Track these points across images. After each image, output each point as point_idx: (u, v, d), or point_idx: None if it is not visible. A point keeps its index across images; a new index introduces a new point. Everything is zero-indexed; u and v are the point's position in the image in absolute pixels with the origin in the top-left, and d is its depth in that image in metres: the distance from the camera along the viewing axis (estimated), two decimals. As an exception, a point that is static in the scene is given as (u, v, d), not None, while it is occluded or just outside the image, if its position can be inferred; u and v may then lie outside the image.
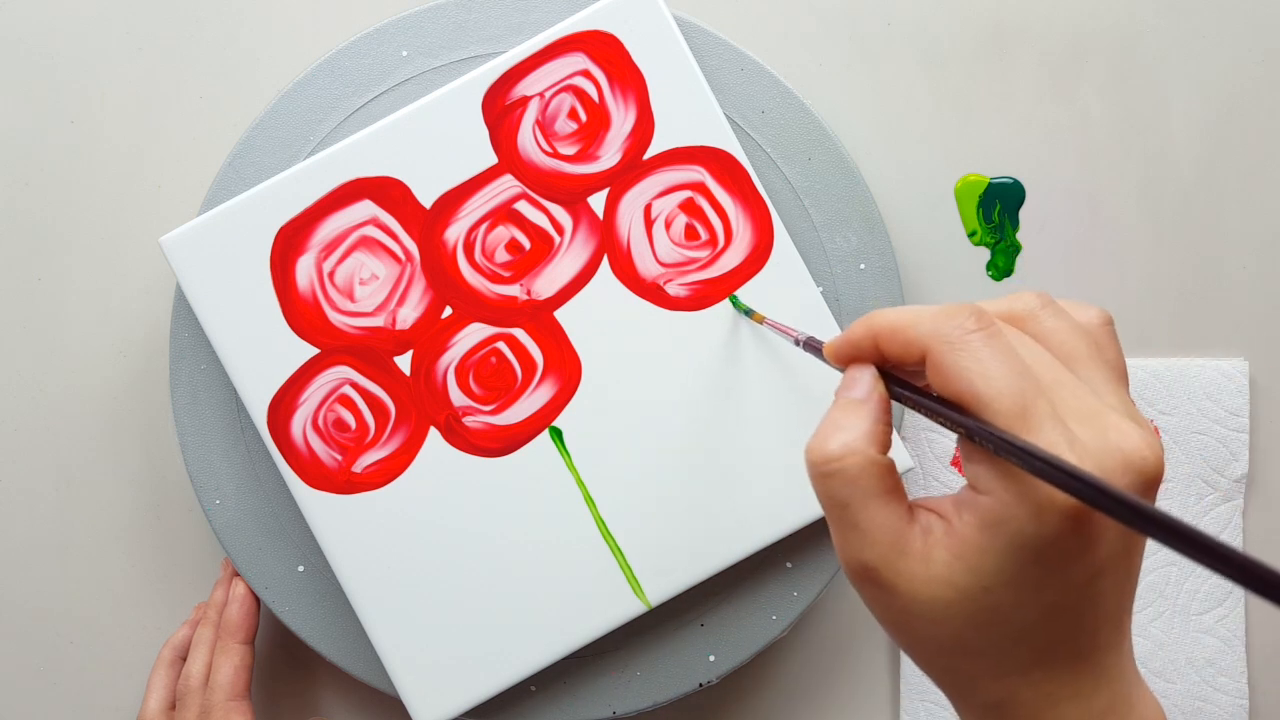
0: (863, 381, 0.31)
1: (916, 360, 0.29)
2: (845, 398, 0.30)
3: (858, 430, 0.29)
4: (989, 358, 0.27)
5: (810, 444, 0.30)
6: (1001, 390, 0.26)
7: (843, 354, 0.31)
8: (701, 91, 0.47)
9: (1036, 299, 0.30)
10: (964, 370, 0.27)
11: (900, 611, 0.29)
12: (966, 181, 0.54)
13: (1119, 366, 0.30)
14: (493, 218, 0.48)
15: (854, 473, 0.29)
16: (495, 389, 0.48)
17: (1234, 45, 0.55)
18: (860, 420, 0.29)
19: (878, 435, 0.29)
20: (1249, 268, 0.55)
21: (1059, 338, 0.29)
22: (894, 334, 0.29)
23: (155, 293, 0.55)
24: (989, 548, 0.27)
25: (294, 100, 0.50)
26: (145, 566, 0.55)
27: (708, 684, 0.50)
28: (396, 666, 0.47)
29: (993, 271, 0.55)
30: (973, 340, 0.27)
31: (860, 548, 0.29)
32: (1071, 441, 0.26)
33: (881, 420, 0.30)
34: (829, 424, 0.30)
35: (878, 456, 0.29)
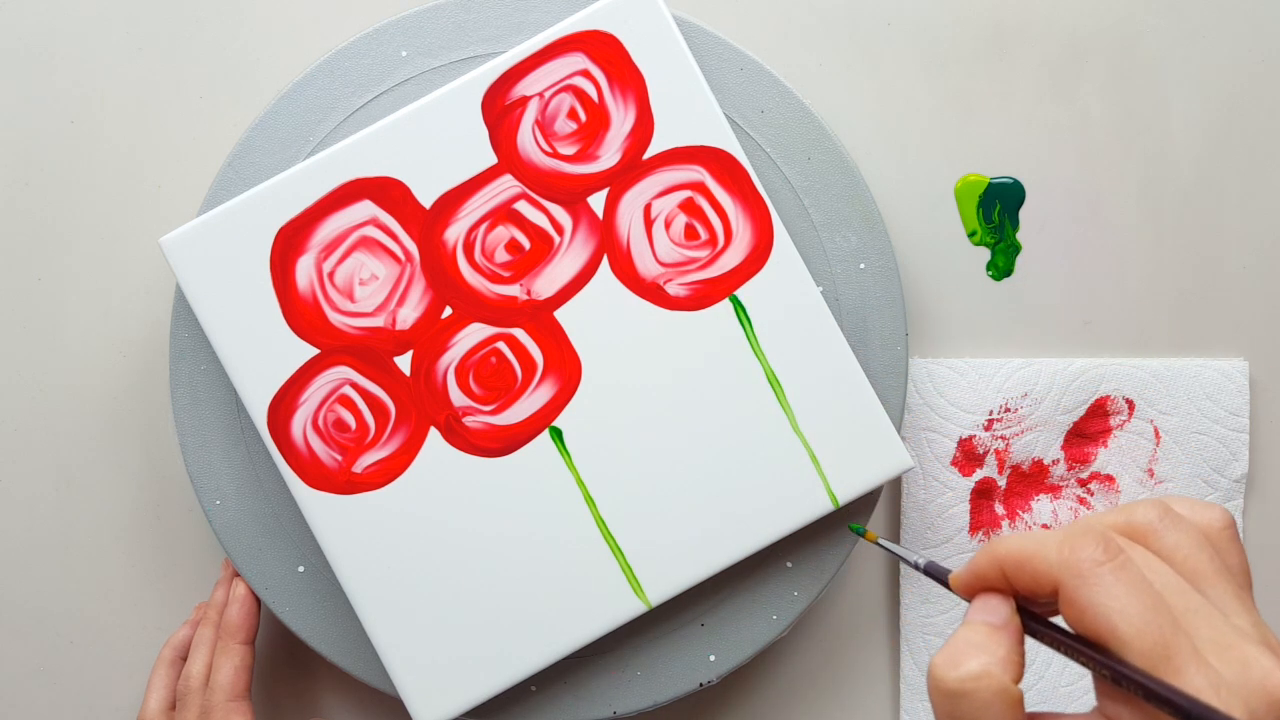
0: (1000, 610, 0.30)
1: (1047, 594, 0.28)
2: (980, 621, 0.29)
3: (996, 655, 0.28)
4: (1123, 593, 0.26)
5: (939, 660, 0.28)
6: (1140, 629, 0.26)
7: (971, 588, 0.31)
8: (701, 91, 0.47)
9: (1155, 510, 0.29)
10: (1098, 607, 0.26)
11: None
12: (966, 181, 0.54)
13: (1243, 573, 0.29)
14: (492, 218, 0.48)
15: (987, 697, 0.27)
16: (495, 389, 0.48)
17: (1234, 45, 0.55)
18: (998, 645, 0.28)
19: (1014, 664, 0.28)
20: (1249, 268, 0.55)
21: (1183, 554, 0.28)
22: (1020, 566, 0.29)
23: (155, 293, 0.55)
24: None
25: (294, 100, 0.50)
26: (145, 566, 0.55)
27: (708, 684, 0.50)
28: (396, 666, 0.47)
29: (993, 271, 0.55)
30: (1104, 573, 0.27)
31: None
32: (1216, 684, 0.25)
33: (1017, 649, 0.29)
34: (962, 643, 0.28)
35: (1013, 687, 0.28)
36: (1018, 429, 0.54)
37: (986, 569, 0.30)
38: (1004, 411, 0.54)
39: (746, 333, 0.48)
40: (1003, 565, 0.29)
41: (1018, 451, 0.54)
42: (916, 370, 0.54)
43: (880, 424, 0.48)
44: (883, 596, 0.55)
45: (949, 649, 0.29)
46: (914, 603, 0.54)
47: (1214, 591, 0.28)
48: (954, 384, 0.54)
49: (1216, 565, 0.28)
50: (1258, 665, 0.26)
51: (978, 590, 0.31)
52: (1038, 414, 0.54)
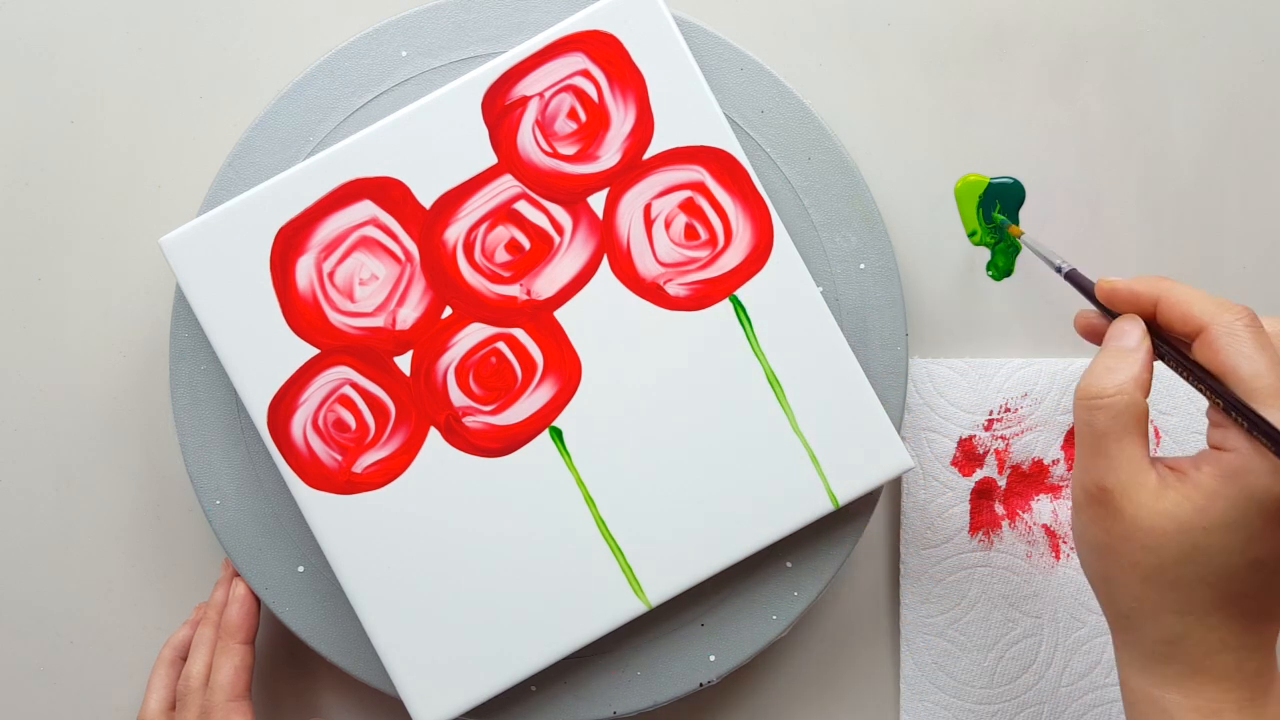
0: (1134, 333, 0.36)
1: (1190, 332, 0.35)
2: (1116, 345, 0.36)
3: (1128, 374, 0.35)
4: (1255, 347, 0.33)
5: (1084, 381, 0.35)
6: (1260, 372, 0.33)
7: (1119, 299, 0.37)
8: (701, 91, 0.47)
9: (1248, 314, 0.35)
10: (1234, 351, 0.33)
11: (1119, 536, 0.34)
12: (966, 181, 0.54)
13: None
14: (492, 218, 0.48)
15: (1119, 408, 0.34)
16: (495, 389, 0.48)
17: (1234, 45, 0.55)
18: (1131, 365, 0.35)
19: (1144, 382, 0.35)
20: (1249, 268, 0.55)
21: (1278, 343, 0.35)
22: (1178, 304, 0.35)
23: (155, 293, 0.55)
24: (1221, 493, 0.33)
25: (294, 100, 0.50)
26: (145, 566, 0.55)
27: (708, 684, 0.50)
28: (396, 666, 0.47)
29: (993, 271, 0.55)
30: (1244, 329, 0.34)
31: (1105, 472, 0.35)
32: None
33: (1148, 369, 0.35)
34: (1100, 366, 0.35)
35: (1141, 400, 0.35)
36: (1018, 429, 0.54)
37: (1145, 293, 0.36)
38: (1004, 411, 0.54)
39: (746, 333, 0.48)
40: (1161, 297, 0.36)
41: (1018, 451, 0.54)
42: (916, 370, 0.54)
43: (880, 424, 0.48)
44: (883, 596, 0.55)
45: (1090, 371, 0.36)
46: (914, 603, 0.54)
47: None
48: (954, 384, 0.54)
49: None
50: None
51: (1121, 304, 0.37)
52: (1038, 414, 0.54)
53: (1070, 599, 0.54)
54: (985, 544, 0.54)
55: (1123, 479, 0.34)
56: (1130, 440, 0.34)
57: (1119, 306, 0.38)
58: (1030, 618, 0.54)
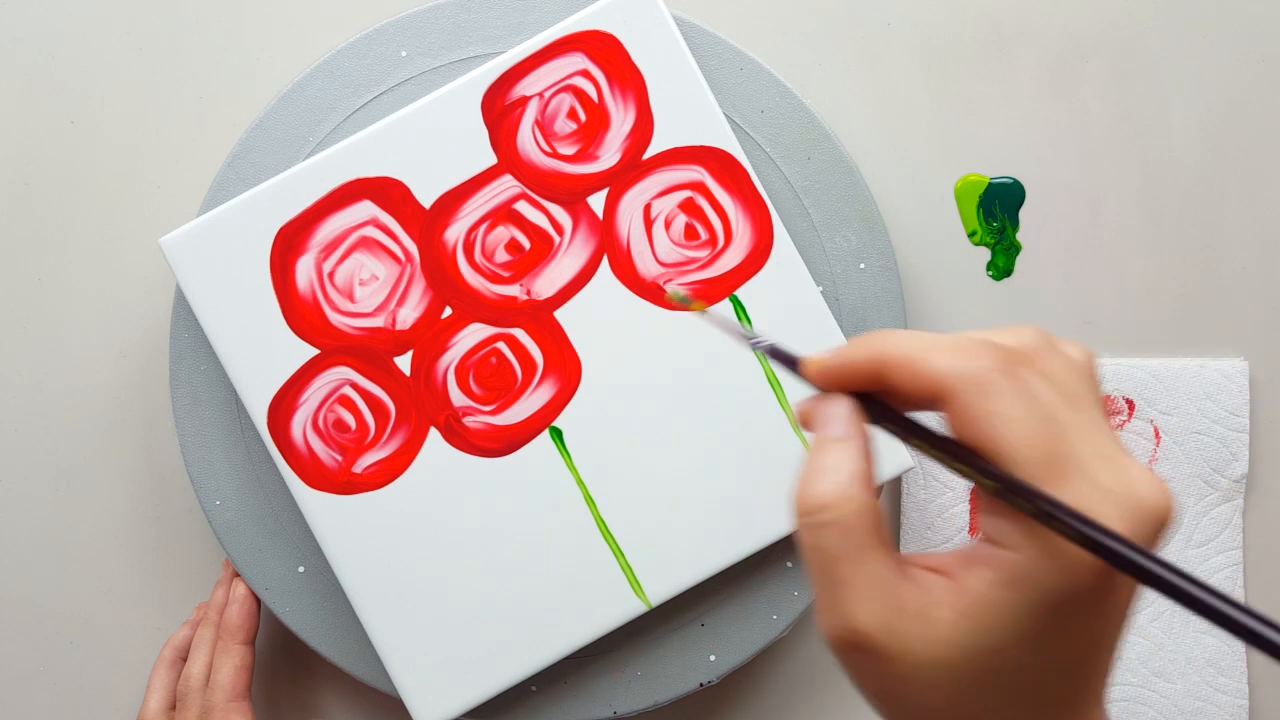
0: (842, 417, 0.28)
1: (928, 399, 0.27)
2: (825, 436, 0.28)
3: (847, 472, 0.27)
4: (1017, 403, 0.25)
5: (797, 492, 0.27)
6: (1028, 438, 0.25)
7: (834, 378, 0.29)
8: (701, 91, 0.47)
9: (1036, 335, 0.28)
10: (991, 415, 0.25)
11: (893, 679, 0.27)
12: (966, 181, 0.54)
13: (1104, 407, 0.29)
14: (492, 218, 0.48)
15: (849, 521, 0.26)
16: (495, 389, 0.48)
17: (1234, 45, 0.55)
18: (849, 461, 0.27)
19: (867, 474, 0.27)
20: (1249, 268, 0.55)
21: (1062, 376, 0.27)
22: (906, 366, 0.27)
23: (155, 293, 0.55)
24: (1008, 605, 0.25)
25: (293, 100, 0.50)
26: (145, 566, 0.55)
27: (708, 684, 0.50)
28: (397, 666, 0.47)
29: (993, 271, 0.55)
30: (999, 382, 0.25)
31: (852, 607, 0.26)
32: (1103, 494, 0.25)
33: (868, 459, 0.27)
34: (812, 469, 0.27)
35: (870, 500, 0.27)
36: (1018, 429, 0.54)
37: (863, 363, 0.28)
38: (1004, 411, 0.54)
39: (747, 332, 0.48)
40: (884, 362, 0.27)
41: (1018, 451, 0.54)
42: (916, 370, 0.54)
43: (880, 424, 0.48)
44: (883, 596, 0.55)
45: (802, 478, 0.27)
46: (914, 603, 0.54)
47: (1088, 414, 0.27)
48: (954, 384, 0.54)
49: (1092, 391, 0.27)
50: (1136, 477, 0.25)
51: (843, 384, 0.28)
52: (1038, 414, 0.54)
53: (1070, 599, 0.54)
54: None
55: (876, 610, 0.26)
56: (872, 557, 0.26)
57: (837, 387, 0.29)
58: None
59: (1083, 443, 0.26)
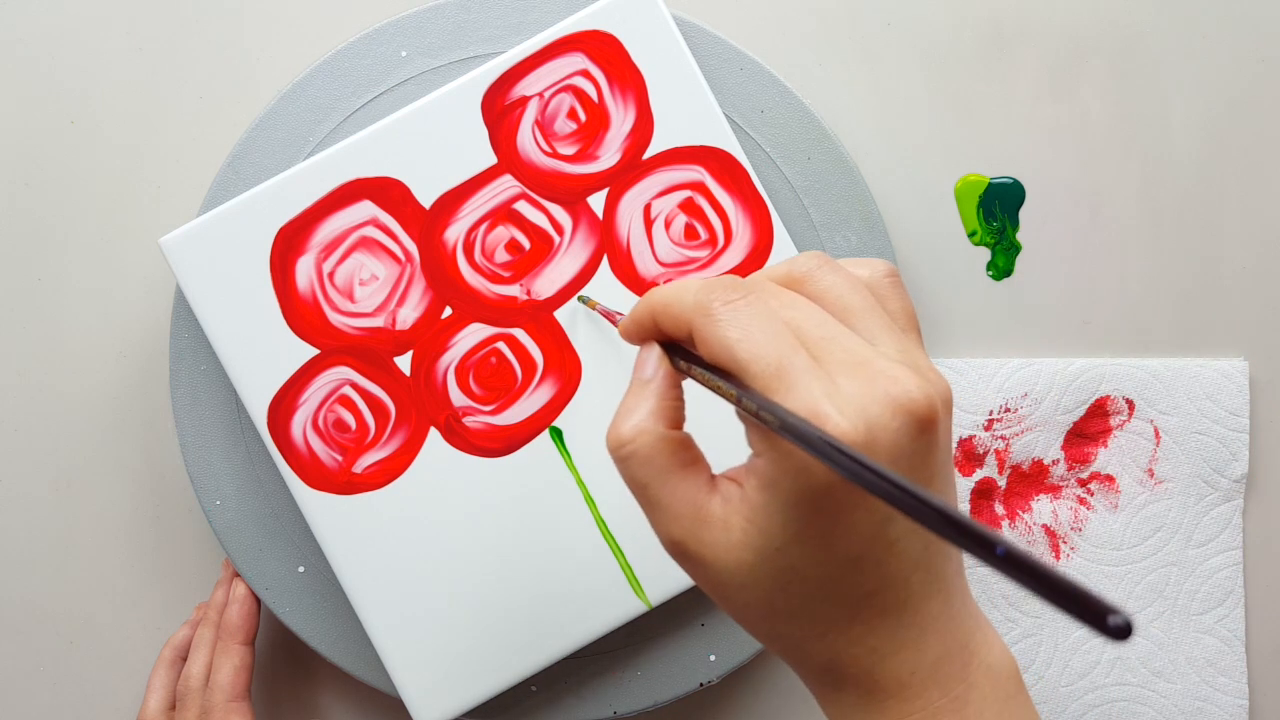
0: (650, 361, 0.31)
1: (687, 334, 0.29)
2: (636, 379, 0.31)
3: (645, 409, 0.30)
4: (745, 324, 0.27)
5: (608, 431, 0.30)
6: (756, 353, 0.27)
7: (632, 335, 0.32)
8: (701, 91, 0.47)
9: (814, 259, 0.30)
10: (723, 338, 0.28)
11: (715, 582, 0.29)
12: (966, 181, 0.54)
13: (904, 315, 0.30)
14: (492, 218, 0.48)
15: (647, 453, 0.29)
16: (495, 389, 0.48)
17: (1234, 45, 0.55)
18: (647, 400, 0.30)
19: (666, 411, 0.30)
20: (1249, 268, 0.55)
21: (834, 294, 0.29)
22: (665, 310, 0.30)
23: (155, 293, 0.55)
24: (770, 507, 0.28)
25: (294, 100, 0.50)
26: (145, 566, 0.55)
27: (709, 683, 0.50)
28: (397, 666, 0.47)
29: (993, 271, 0.55)
30: (729, 310, 0.28)
31: (667, 524, 0.30)
32: (831, 393, 0.26)
33: (668, 396, 0.30)
34: (622, 409, 0.30)
35: (667, 432, 0.30)
36: (1018, 429, 0.54)
37: (643, 316, 0.31)
38: (1004, 411, 0.54)
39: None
40: (653, 311, 0.31)
41: (1018, 451, 0.54)
42: (916, 370, 0.54)
43: (880, 424, 0.48)
44: (883, 596, 0.55)
45: (614, 419, 0.30)
46: (914, 603, 0.54)
47: (863, 324, 0.29)
48: (954, 384, 0.54)
49: (869, 303, 0.29)
50: (886, 375, 0.27)
51: (641, 339, 0.32)
52: (1038, 414, 0.54)
53: (1070, 599, 0.54)
54: None
55: (685, 525, 0.29)
56: (674, 479, 0.29)
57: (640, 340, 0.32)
58: (1030, 618, 0.54)
59: (835, 353, 0.27)
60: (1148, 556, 0.54)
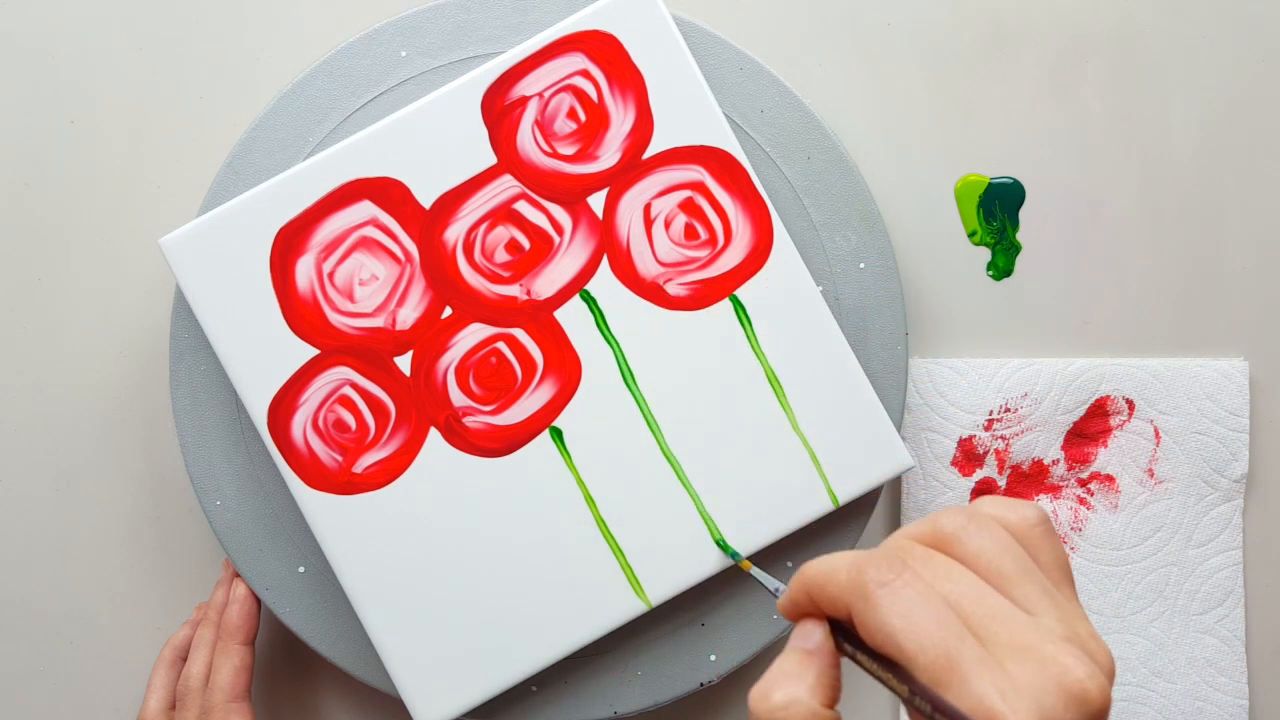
0: (814, 634, 0.30)
1: (846, 613, 0.28)
2: (795, 647, 0.30)
3: (804, 682, 0.28)
4: (907, 609, 0.26)
5: (755, 690, 0.29)
6: (922, 644, 0.26)
7: (790, 613, 0.31)
8: (700, 91, 0.47)
9: (960, 516, 0.29)
10: (884, 626, 0.26)
11: None
12: (966, 181, 0.54)
13: (1057, 567, 0.29)
14: (492, 218, 0.48)
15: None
16: (495, 389, 0.48)
17: (1234, 45, 0.55)
18: (808, 671, 0.29)
19: (824, 689, 0.29)
20: (1249, 268, 0.55)
21: (986, 558, 0.28)
22: (820, 591, 0.29)
23: (155, 293, 0.55)
24: None
25: (293, 101, 0.50)
26: (145, 566, 0.55)
27: (709, 683, 0.50)
28: (397, 667, 0.47)
29: (993, 271, 0.55)
30: (890, 592, 0.27)
31: None
32: (1003, 689, 0.25)
33: (828, 673, 0.29)
34: (776, 672, 0.29)
35: (822, 711, 0.28)
36: (1018, 429, 0.54)
37: (799, 594, 0.30)
38: (1004, 411, 0.54)
39: (746, 332, 0.48)
40: (807, 591, 0.29)
41: (1018, 451, 0.54)
42: (916, 370, 0.54)
43: (880, 424, 0.48)
44: (883, 596, 0.55)
45: (764, 679, 0.29)
46: (914, 603, 0.54)
47: (1020, 592, 0.27)
48: (954, 384, 0.54)
49: (1022, 565, 0.28)
50: (1055, 663, 0.25)
51: (799, 615, 0.30)
52: (1038, 414, 0.54)
53: (1070, 599, 0.54)
54: None
55: None
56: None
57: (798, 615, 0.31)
58: (1030, 618, 0.54)
59: (999, 633, 0.26)
60: (1148, 556, 0.54)
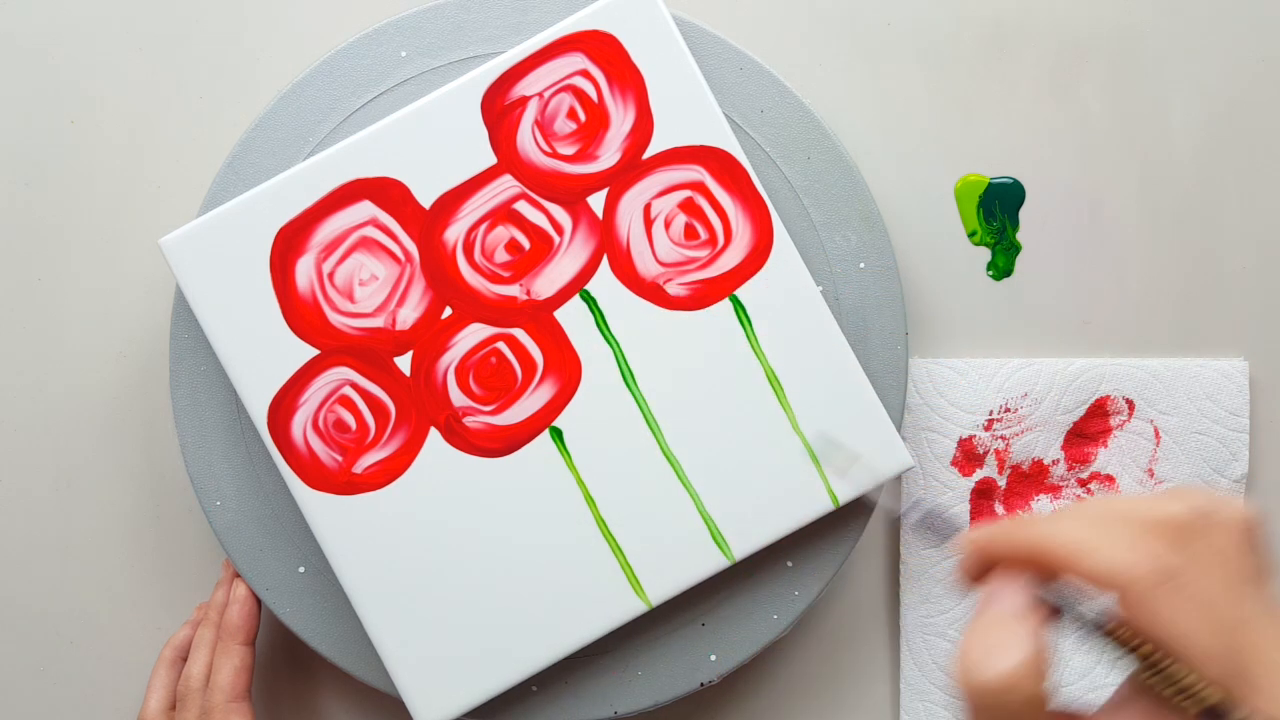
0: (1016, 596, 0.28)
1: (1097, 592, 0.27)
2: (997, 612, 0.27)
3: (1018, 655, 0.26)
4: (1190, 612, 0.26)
5: (966, 662, 0.26)
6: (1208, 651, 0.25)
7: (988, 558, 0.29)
8: (700, 91, 0.47)
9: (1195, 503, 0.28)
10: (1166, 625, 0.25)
11: None
12: (966, 181, 0.54)
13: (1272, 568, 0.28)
14: (492, 218, 0.48)
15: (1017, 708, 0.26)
16: (495, 389, 0.48)
17: (1234, 45, 0.55)
18: (1022, 643, 0.26)
19: (1042, 664, 0.26)
20: (1249, 268, 0.55)
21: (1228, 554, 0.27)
22: (1069, 562, 0.27)
23: (155, 293, 0.55)
24: None
25: (293, 101, 0.50)
26: (145, 566, 0.55)
27: (709, 683, 0.50)
28: (398, 667, 0.47)
29: (993, 271, 0.55)
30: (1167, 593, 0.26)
31: None
32: None
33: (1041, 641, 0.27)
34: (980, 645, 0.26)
35: (1042, 693, 0.26)
36: (1018, 429, 0.54)
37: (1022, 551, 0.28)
38: (1004, 411, 0.54)
39: (746, 332, 0.48)
40: (1047, 552, 0.27)
41: (1018, 451, 0.54)
42: (916, 370, 0.54)
43: (880, 424, 0.48)
44: (883, 596, 0.55)
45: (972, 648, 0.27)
46: (914, 603, 0.54)
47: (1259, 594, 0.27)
48: (954, 384, 0.54)
49: (1260, 565, 0.28)
50: None
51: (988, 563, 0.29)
52: (1038, 414, 0.54)
53: (1070, 599, 0.54)
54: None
55: None
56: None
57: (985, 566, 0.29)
58: (1030, 617, 0.54)
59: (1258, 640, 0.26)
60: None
